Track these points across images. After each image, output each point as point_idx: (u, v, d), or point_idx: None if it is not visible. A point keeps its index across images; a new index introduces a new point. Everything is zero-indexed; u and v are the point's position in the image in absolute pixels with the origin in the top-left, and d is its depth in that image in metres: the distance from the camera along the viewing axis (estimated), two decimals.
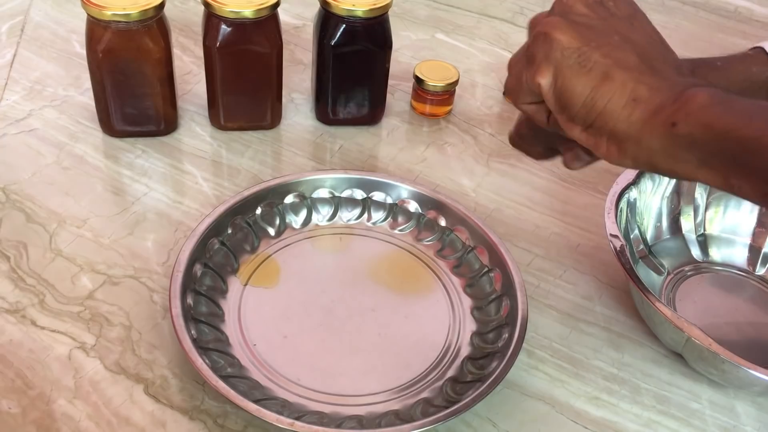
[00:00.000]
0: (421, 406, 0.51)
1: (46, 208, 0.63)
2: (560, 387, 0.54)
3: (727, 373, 0.51)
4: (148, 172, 0.68)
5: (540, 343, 0.57)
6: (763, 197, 0.35)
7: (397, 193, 0.64)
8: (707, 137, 0.35)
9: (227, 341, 0.54)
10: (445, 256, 0.62)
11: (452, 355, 0.55)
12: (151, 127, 0.71)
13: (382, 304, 0.58)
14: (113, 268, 0.59)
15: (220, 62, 0.67)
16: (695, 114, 0.36)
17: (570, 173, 0.73)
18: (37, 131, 0.71)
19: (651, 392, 0.54)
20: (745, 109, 0.35)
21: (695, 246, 0.64)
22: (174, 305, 0.51)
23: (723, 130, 0.35)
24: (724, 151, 0.35)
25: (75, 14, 0.87)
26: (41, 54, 0.81)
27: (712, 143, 0.35)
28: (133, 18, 0.63)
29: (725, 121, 0.35)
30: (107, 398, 0.50)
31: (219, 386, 0.47)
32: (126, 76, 0.66)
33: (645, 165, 0.39)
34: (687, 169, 0.37)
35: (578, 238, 0.66)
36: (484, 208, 0.68)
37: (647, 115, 0.37)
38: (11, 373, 0.50)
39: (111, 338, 0.53)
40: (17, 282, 0.57)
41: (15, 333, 0.53)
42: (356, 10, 0.67)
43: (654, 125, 0.37)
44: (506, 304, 0.56)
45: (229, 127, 0.73)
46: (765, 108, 0.35)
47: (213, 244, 0.58)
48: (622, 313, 0.60)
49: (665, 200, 0.64)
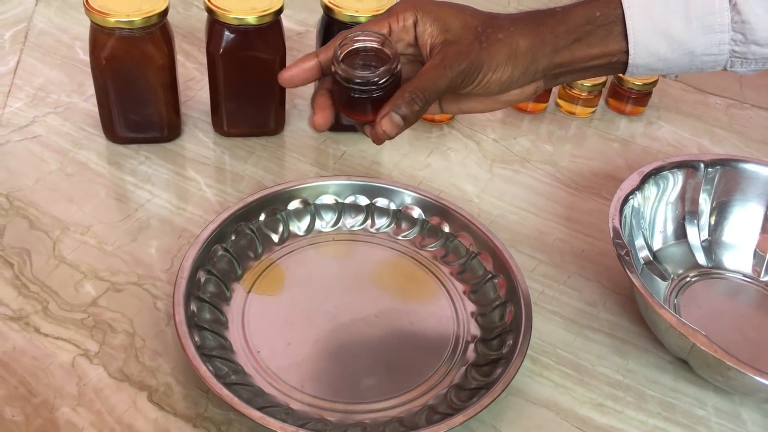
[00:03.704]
0: (426, 413, 0.50)
1: (49, 214, 0.63)
2: (565, 394, 0.54)
3: (733, 379, 0.51)
4: (151, 178, 0.68)
5: (544, 350, 0.56)
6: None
7: (401, 199, 0.64)
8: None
9: (231, 348, 0.53)
10: (449, 262, 0.61)
11: (456, 361, 0.54)
12: (155, 133, 0.71)
13: (385, 311, 0.57)
14: (117, 275, 0.59)
15: (223, 69, 0.67)
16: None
17: (574, 179, 0.73)
18: (40, 138, 0.71)
19: (656, 399, 0.54)
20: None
21: (700, 252, 0.64)
22: (177, 312, 0.51)
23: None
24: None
25: (78, 21, 0.88)
26: (45, 61, 0.81)
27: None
28: (137, 25, 0.63)
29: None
30: (111, 405, 0.50)
31: (223, 393, 0.47)
32: (129, 83, 0.66)
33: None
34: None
35: (582, 244, 0.66)
36: (487, 214, 0.68)
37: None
38: (15, 381, 0.50)
39: (114, 345, 0.53)
40: (21, 289, 0.57)
41: (18, 340, 0.53)
42: (359, 17, 0.67)
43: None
44: (510, 311, 0.56)
45: (232, 133, 0.73)
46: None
47: (216, 251, 0.58)
48: (626, 320, 0.59)
49: (670, 206, 0.64)
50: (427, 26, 0.48)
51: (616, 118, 0.82)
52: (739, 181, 0.64)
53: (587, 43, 0.48)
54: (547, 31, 0.48)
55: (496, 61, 0.48)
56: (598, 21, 0.48)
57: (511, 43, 0.48)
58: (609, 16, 0.48)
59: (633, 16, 0.47)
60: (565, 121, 0.81)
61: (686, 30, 0.47)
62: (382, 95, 0.47)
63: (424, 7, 0.48)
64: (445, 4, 0.49)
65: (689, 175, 0.64)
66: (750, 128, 0.83)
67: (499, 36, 0.47)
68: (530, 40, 0.48)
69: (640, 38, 0.48)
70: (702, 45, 0.47)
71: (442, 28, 0.47)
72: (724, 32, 0.47)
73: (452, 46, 0.47)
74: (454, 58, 0.47)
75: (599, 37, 0.48)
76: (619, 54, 0.49)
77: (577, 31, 0.48)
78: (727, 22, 0.47)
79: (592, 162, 0.75)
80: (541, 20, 0.49)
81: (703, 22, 0.47)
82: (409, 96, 0.46)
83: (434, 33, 0.48)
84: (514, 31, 0.48)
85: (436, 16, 0.48)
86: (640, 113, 0.83)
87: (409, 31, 0.48)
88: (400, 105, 0.46)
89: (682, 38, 0.47)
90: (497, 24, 0.48)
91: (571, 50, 0.49)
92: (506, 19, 0.49)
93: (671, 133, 0.81)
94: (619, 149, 0.78)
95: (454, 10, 0.48)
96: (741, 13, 0.46)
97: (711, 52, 0.48)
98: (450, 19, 0.48)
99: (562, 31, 0.48)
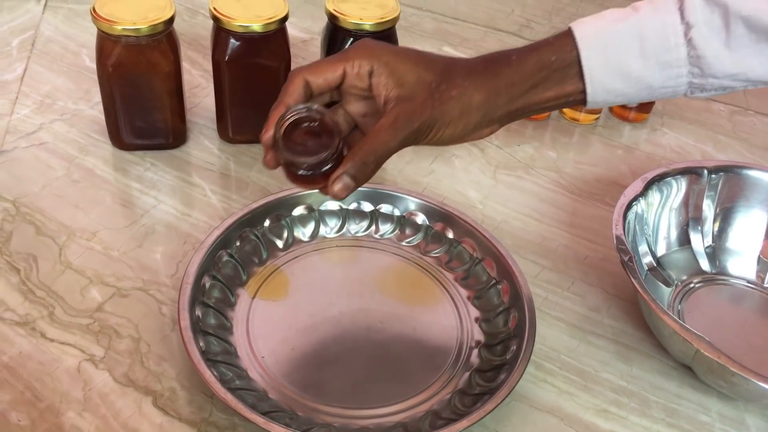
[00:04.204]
0: (429, 418, 0.51)
1: (55, 220, 0.63)
2: (569, 399, 0.54)
3: (737, 385, 0.50)
4: (157, 185, 0.68)
5: (548, 356, 0.56)
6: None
7: (405, 205, 0.64)
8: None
9: (235, 353, 0.54)
10: (453, 268, 0.62)
11: (460, 367, 0.54)
12: (160, 140, 0.71)
13: (389, 317, 0.58)
14: (122, 280, 0.59)
15: (228, 76, 0.68)
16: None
17: (578, 185, 0.73)
18: (47, 144, 0.71)
19: (660, 405, 0.54)
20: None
21: (704, 258, 0.64)
22: (183, 317, 0.52)
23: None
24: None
25: (85, 29, 0.88)
26: (52, 68, 0.82)
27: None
28: (143, 33, 0.63)
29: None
30: (116, 410, 0.50)
31: (227, 398, 0.47)
32: (135, 90, 0.67)
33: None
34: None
35: (586, 250, 0.66)
36: (491, 220, 0.68)
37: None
38: (21, 386, 0.51)
39: (120, 350, 0.54)
40: (27, 294, 0.57)
41: (25, 345, 0.53)
42: (364, 24, 0.67)
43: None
44: (514, 316, 0.56)
45: (237, 140, 0.73)
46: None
47: (221, 257, 0.58)
48: (630, 326, 0.59)
49: (673, 212, 0.64)
50: (382, 78, 0.47)
51: (620, 125, 0.82)
52: (743, 187, 0.65)
53: (543, 88, 0.48)
54: (501, 83, 0.48)
55: (449, 118, 0.47)
56: (554, 65, 0.48)
57: (464, 99, 0.47)
58: (564, 59, 0.48)
59: (588, 57, 0.47)
60: (568, 127, 0.81)
61: (643, 67, 0.47)
62: (327, 169, 0.47)
63: (381, 57, 0.47)
64: (401, 54, 0.48)
65: (693, 182, 0.64)
66: (753, 135, 0.83)
67: (453, 93, 0.47)
68: (484, 94, 0.47)
69: (597, 78, 0.47)
70: (659, 79, 0.47)
71: (397, 82, 0.47)
72: (681, 66, 0.47)
73: (405, 105, 0.46)
74: (407, 119, 0.46)
75: (555, 81, 0.48)
76: (576, 94, 0.48)
77: (533, 78, 0.48)
78: (683, 57, 0.46)
79: (595, 168, 0.76)
80: (496, 71, 0.48)
81: (659, 58, 0.47)
82: (360, 160, 0.45)
83: (389, 86, 0.47)
84: (468, 86, 0.47)
85: (391, 69, 0.47)
86: (643, 120, 0.83)
87: (364, 79, 0.47)
88: (351, 170, 0.46)
89: (639, 75, 0.47)
90: (451, 80, 0.47)
91: (527, 97, 0.48)
92: (462, 70, 0.48)
93: (675, 139, 0.81)
94: (622, 156, 0.78)
95: (409, 63, 0.47)
96: (696, 48, 0.46)
97: (669, 85, 0.48)
98: (405, 73, 0.47)
99: (518, 81, 0.48)
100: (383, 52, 0.47)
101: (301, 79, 0.47)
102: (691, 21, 0.46)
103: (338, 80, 0.48)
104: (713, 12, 0.45)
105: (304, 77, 0.47)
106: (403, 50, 0.48)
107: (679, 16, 0.46)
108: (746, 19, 0.45)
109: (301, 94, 0.48)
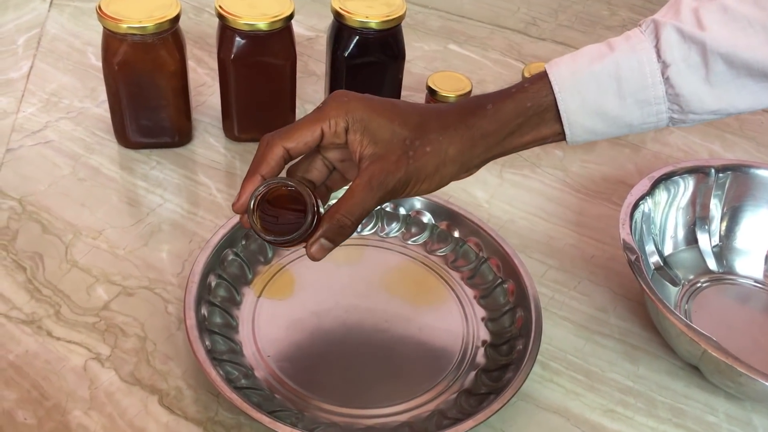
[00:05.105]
0: (435, 418, 0.51)
1: (61, 219, 0.63)
2: (575, 399, 0.54)
3: (744, 385, 0.50)
4: (162, 183, 0.68)
5: (554, 355, 0.56)
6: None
7: (410, 204, 0.64)
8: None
9: (241, 352, 0.54)
10: (459, 267, 0.62)
11: (466, 367, 0.54)
12: (166, 138, 0.71)
13: (395, 316, 0.57)
14: (128, 279, 0.59)
15: (234, 74, 0.68)
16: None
17: (584, 184, 0.73)
18: (53, 143, 0.71)
19: (667, 405, 0.54)
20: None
21: (711, 257, 0.64)
22: (188, 316, 0.52)
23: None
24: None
25: (90, 27, 0.88)
26: (57, 66, 0.82)
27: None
28: (149, 31, 0.63)
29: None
30: (122, 409, 0.50)
31: (233, 398, 0.47)
32: (141, 88, 0.67)
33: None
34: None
35: (592, 250, 0.66)
36: (497, 219, 0.68)
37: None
38: (27, 384, 0.51)
39: (126, 349, 0.54)
40: (33, 293, 0.57)
41: (31, 344, 0.53)
42: (369, 22, 0.67)
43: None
44: (520, 316, 0.56)
45: (243, 138, 0.73)
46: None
47: (227, 256, 0.58)
48: (637, 325, 0.59)
49: (680, 211, 0.64)
50: (357, 135, 0.46)
51: None
52: (750, 186, 0.64)
53: (520, 134, 0.48)
54: (477, 134, 0.47)
55: (424, 174, 0.47)
56: (530, 111, 0.47)
57: (439, 154, 0.47)
58: (540, 105, 0.47)
59: (564, 100, 0.47)
60: None
61: (621, 107, 0.46)
62: (303, 231, 0.46)
63: (355, 113, 0.46)
64: (376, 108, 0.47)
65: (700, 181, 0.64)
66: (761, 133, 0.83)
67: (427, 149, 0.46)
68: (459, 147, 0.47)
69: (574, 119, 0.47)
70: (639, 117, 0.47)
71: (371, 139, 0.46)
72: (660, 104, 0.46)
73: (379, 164, 0.46)
74: (382, 179, 0.46)
75: (532, 126, 0.48)
76: (554, 135, 0.48)
77: (509, 125, 0.47)
78: (661, 95, 0.46)
79: (602, 167, 0.75)
80: (470, 123, 0.47)
81: (637, 97, 0.46)
82: (337, 223, 0.45)
83: (364, 143, 0.46)
84: (443, 141, 0.47)
85: (365, 125, 0.46)
86: None
87: (341, 136, 0.47)
88: (328, 233, 0.45)
89: (618, 114, 0.47)
90: (425, 135, 0.47)
91: (503, 144, 0.48)
92: (436, 124, 0.47)
93: (682, 138, 0.81)
94: (629, 154, 0.78)
95: (384, 119, 0.47)
96: (674, 86, 0.46)
97: (649, 122, 0.47)
98: (379, 130, 0.46)
99: (493, 131, 0.47)
100: (357, 108, 0.47)
101: (279, 149, 0.46)
102: (667, 60, 0.45)
103: (317, 141, 0.47)
104: (690, 49, 0.45)
105: (282, 146, 0.46)
106: (378, 104, 0.47)
107: (656, 54, 0.45)
108: (725, 56, 0.44)
109: (278, 164, 0.47)
